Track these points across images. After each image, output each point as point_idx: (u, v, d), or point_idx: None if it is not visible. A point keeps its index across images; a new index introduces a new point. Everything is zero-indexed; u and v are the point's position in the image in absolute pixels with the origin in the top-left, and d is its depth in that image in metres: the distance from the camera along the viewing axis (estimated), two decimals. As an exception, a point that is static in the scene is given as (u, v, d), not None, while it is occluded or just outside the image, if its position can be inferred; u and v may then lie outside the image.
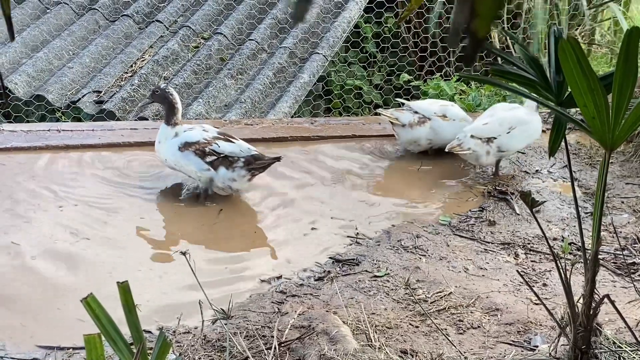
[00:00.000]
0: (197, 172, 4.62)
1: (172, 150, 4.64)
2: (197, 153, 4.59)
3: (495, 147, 4.87)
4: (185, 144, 4.61)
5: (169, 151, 4.65)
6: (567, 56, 1.97)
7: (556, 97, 2.35)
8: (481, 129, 4.87)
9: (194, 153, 4.59)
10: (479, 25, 1.32)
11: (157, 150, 4.75)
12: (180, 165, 4.66)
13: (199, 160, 4.59)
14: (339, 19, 7.72)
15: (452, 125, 5.15)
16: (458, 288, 3.87)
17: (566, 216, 4.63)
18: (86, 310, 2.14)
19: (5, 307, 3.64)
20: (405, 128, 5.13)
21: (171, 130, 4.68)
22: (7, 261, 3.99)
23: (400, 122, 5.14)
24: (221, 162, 4.60)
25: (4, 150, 4.99)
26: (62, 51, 7.26)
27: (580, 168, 5.16)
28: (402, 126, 5.14)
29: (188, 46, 7.46)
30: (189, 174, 4.70)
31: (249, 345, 3.32)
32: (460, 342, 3.45)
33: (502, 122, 4.86)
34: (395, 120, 5.14)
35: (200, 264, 3.87)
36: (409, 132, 5.13)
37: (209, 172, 4.60)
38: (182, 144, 4.62)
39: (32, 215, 4.40)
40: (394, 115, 5.17)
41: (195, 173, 4.63)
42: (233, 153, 4.63)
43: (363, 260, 4.10)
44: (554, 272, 4.03)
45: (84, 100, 6.70)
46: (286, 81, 7.13)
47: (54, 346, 3.36)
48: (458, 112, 5.23)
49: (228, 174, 4.62)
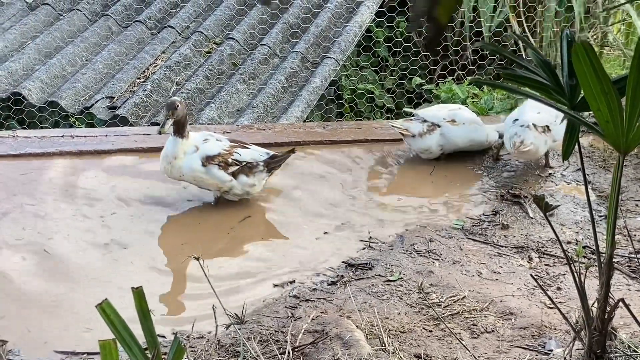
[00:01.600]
0: (218, 184, 4.54)
1: (195, 165, 4.48)
2: (220, 166, 4.50)
3: (550, 138, 4.84)
4: (207, 158, 4.49)
5: (191, 167, 4.48)
6: (580, 60, 1.96)
7: (569, 101, 2.34)
8: (540, 118, 4.81)
9: (218, 166, 4.49)
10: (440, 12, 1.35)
11: (170, 165, 4.52)
12: (199, 180, 4.54)
13: (222, 174, 4.49)
14: (351, 23, 7.72)
15: (462, 130, 5.13)
16: (472, 292, 3.86)
17: (580, 219, 4.61)
18: (101, 315, 2.15)
19: (19, 312, 3.66)
20: (416, 138, 5.11)
21: (187, 144, 4.51)
22: (20, 266, 4.01)
23: (410, 132, 5.13)
24: (241, 170, 4.55)
25: (18, 156, 5.02)
26: (75, 57, 7.30)
27: (594, 171, 5.14)
28: (413, 136, 5.12)
29: (200, 51, 7.48)
30: (207, 187, 4.60)
31: (263, 350, 3.32)
32: (474, 347, 3.44)
33: (550, 111, 4.77)
34: (406, 131, 5.13)
35: (214, 269, 3.87)
36: (420, 141, 5.12)
37: (231, 182, 4.55)
38: (204, 159, 4.49)
39: (46, 221, 4.42)
40: (404, 126, 5.15)
41: (216, 185, 4.55)
42: (253, 159, 4.59)
43: (376, 265, 4.09)
44: (568, 276, 4.02)
45: (97, 106, 6.73)
46: (298, 86, 7.14)
47: (68, 351, 3.38)
48: (468, 116, 5.20)
49: (249, 181, 4.58)
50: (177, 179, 4.61)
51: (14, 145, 5.12)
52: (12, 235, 4.28)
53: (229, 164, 4.52)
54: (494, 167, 5.18)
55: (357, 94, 7.82)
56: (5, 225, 4.36)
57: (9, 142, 5.15)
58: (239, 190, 4.59)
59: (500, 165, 5.19)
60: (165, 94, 6.94)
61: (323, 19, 7.76)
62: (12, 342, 3.40)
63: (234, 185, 4.55)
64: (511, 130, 4.86)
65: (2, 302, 3.74)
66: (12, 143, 5.14)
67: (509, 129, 4.90)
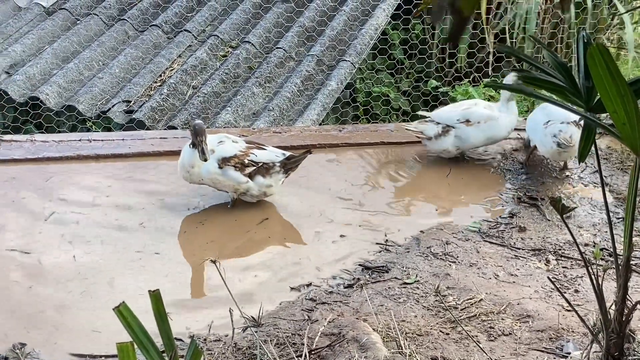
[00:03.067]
0: (234, 185, 4.55)
1: (211, 168, 4.50)
2: (236, 167, 4.51)
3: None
4: (223, 160, 4.51)
5: (208, 170, 4.50)
6: (595, 62, 1.96)
7: (586, 103, 2.34)
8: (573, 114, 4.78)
9: (234, 168, 4.50)
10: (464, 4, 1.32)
11: (190, 174, 4.54)
12: (217, 182, 4.55)
13: (238, 175, 4.51)
14: (366, 26, 7.73)
15: (477, 129, 5.09)
16: (489, 295, 3.85)
17: (597, 222, 4.59)
18: (118, 318, 2.16)
19: (36, 315, 3.69)
20: (432, 140, 5.11)
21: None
22: (34, 267, 4.04)
23: (425, 135, 5.11)
24: (258, 171, 4.57)
25: (36, 160, 5.05)
26: (92, 62, 7.35)
27: (611, 173, 5.11)
28: (429, 139, 5.12)
29: (216, 55, 7.51)
30: (224, 189, 4.62)
31: (280, 353, 3.33)
32: (492, 349, 3.43)
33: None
34: (421, 134, 5.13)
35: (231, 272, 3.89)
36: (436, 143, 5.11)
37: (248, 183, 4.57)
38: (220, 160, 4.51)
39: (62, 224, 4.44)
40: (419, 128, 5.14)
41: (233, 187, 4.56)
42: (270, 160, 4.60)
43: (392, 267, 4.09)
44: (586, 278, 4.00)
45: (114, 110, 6.77)
46: (314, 89, 7.15)
47: (86, 354, 3.40)
48: (482, 113, 5.10)
49: (265, 181, 4.59)
50: (197, 183, 4.64)
51: (31, 149, 5.16)
52: (30, 238, 4.30)
53: (245, 165, 4.53)
54: (511, 170, 5.16)
55: (372, 97, 7.82)
56: (22, 228, 4.40)
57: (27, 146, 5.19)
58: (256, 192, 4.60)
59: (517, 168, 5.18)
60: (182, 98, 6.97)
61: (339, 22, 7.77)
62: (30, 346, 3.43)
63: (250, 186, 4.57)
64: (551, 129, 4.82)
65: (18, 305, 3.77)
66: (30, 147, 5.18)
67: (545, 130, 4.85)
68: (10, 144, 5.21)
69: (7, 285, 3.92)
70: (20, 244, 4.26)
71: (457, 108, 5.21)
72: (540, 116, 5.01)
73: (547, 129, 4.84)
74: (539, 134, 4.91)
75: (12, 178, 4.88)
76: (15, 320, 3.65)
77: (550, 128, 4.82)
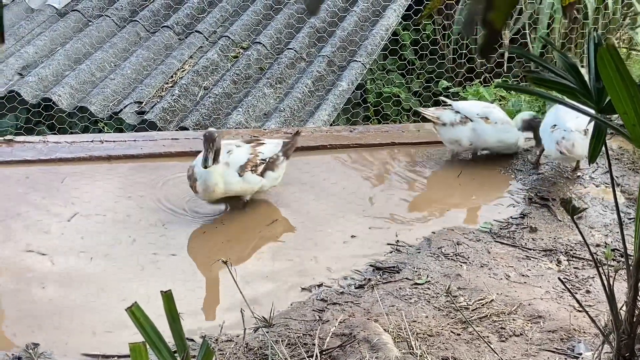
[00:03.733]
0: (253, 187, 4.60)
1: (233, 179, 4.51)
2: (253, 170, 4.57)
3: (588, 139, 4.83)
4: (241, 168, 4.54)
5: (229, 182, 4.50)
6: (605, 64, 1.96)
7: (596, 104, 2.34)
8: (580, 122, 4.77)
9: (251, 171, 4.56)
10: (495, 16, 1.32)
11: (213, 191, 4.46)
12: (239, 189, 4.56)
13: (255, 176, 4.57)
14: (377, 26, 7.73)
15: (494, 129, 5.12)
16: (500, 295, 3.85)
17: (609, 222, 4.58)
18: (131, 319, 2.18)
19: (49, 315, 3.71)
20: (447, 127, 5.10)
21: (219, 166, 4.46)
22: (48, 268, 4.06)
23: (441, 120, 5.11)
24: (267, 166, 4.64)
25: (49, 161, 5.08)
26: (104, 63, 7.38)
27: (622, 173, 5.10)
28: (443, 125, 5.11)
29: (227, 56, 7.52)
30: (241, 194, 4.63)
31: (291, 353, 3.34)
32: (503, 350, 3.43)
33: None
34: (437, 119, 5.11)
35: (242, 272, 3.90)
36: (451, 130, 5.09)
37: (261, 181, 4.62)
38: (239, 169, 4.53)
39: (74, 224, 4.47)
40: (435, 114, 5.13)
41: (251, 189, 4.61)
42: (273, 152, 4.69)
43: (403, 268, 4.09)
44: (597, 279, 3.99)
45: (126, 111, 6.79)
46: (325, 89, 7.16)
47: (98, 354, 3.42)
48: (500, 115, 5.18)
49: (274, 174, 4.67)
50: (216, 201, 4.59)
51: (44, 150, 5.19)
52: (43, 239, 4.33)
53: (258, 165, 4.61)
54: (522, 170, 5.16)
55: (383, 98, 7.82)
56: (37, 229, 4.42)
57: (40, 147, 5.22)
58: (268, 186, 4.70)
59: (528, 168, 5.17)
60: (193, 99, 6.99)
61: (349, 23, 7.77)
62: (43, 346, 3.45)
63: (264, 183, 4.64)
64: (555, 135, 4.82)
65: (30, 305, 3.79)
66: (42, 148, 5.21)
67: (551, 134, 4.85)
68: (23, 145, 5.24)
69: (21, 285, 3.95)
70: (37, 244, 4.28)
71: (478, 104, 5.31)
72: (549, 118, 5.01)
73: (552, 134, 4.84)
74: (545, 137, 4.92)
75: (25, 178, 4.91)
76: (28, 320, 3.67)
77: (555, 134, 4.82)
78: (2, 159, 5.08)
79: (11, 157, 5.10)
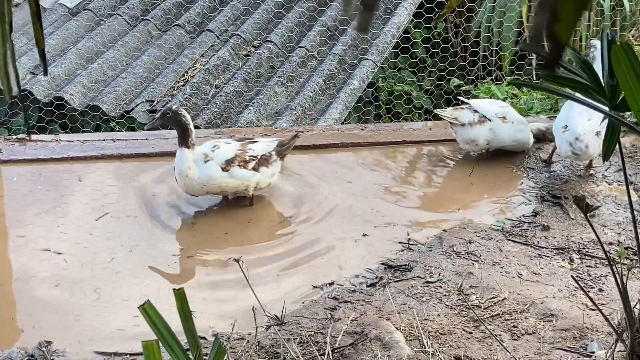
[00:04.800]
0: (245, 183, 4.58)
1: (215, 173, 4.50)
2: (241, 165, 4.56)
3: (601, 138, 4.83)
4: (227, 162, 4.54)
5: (211, 176, 4.50)
6: (620, 61, 1.95)
7: (610, 101, 2.32)
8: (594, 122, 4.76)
9: (239, 166, 4.56)
10: (561, 29, 1.29)
11: (188, 178, 4.49)
12: (225, 186, 4.55)
13: (245, 172, 4.56)
14: (388, 24, 7.72)
15: (511, 128, 5.10)
16: (512, 294, 3.84)
17: (622, 220, 4.55)
18: (143, 317, 2.18)
19: (63, 314, 3.72)
20: (465, 127, 5.07)
21: (196, 153, 4.52)
22: (60, 267, 4.08)
23: (459, 121, 5.08)
24: (260, 163, 4.63)
25: (61, 160, 5.09)
26: (115, 62, 7.40)
27: (636, 171, 5.07)
28: (462, 125, 5.08)
29: (239, 54, 7.53)
30: (234, 191, 4.63)
31: (303, 352, 3.34)
32: (515, 348, 3.42)
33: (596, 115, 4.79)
34: (454, 120, 5.09)
35: (254, 271, 3.90)
36: (468, 130, 5.07)
37: (255, 176, 4.60)
38: (224, 164, 4.54)
39: (86, 222, 4.49)
40: (453, 115, 5.11)
41: (244, 186, 4.59)
42: (265, 150, 4.68)
43: (415, 266, 4.09)
44: (610, 277, 3.97)
45: (138, 109, 6.81)
46: (336, 88, 7.15)
47: (111, 352, 3.43)
48: (516, 115, 5.20)
49: (269, 171, 4.67)
50: (200, 193, 4.60)
51: (56, 149, 5.21)
52: (53, 237, 4.35)
53: (247, 161, 4.59)
54: (534, 168, 5.14)
55: (394, 96, 7.81)
56: (47, 227, 4.44)
57: (52, 146, 5.23)
58: (264, 184, 4.67)
59: (541, 166, 5.15)
60: (204, 98, 7.00)
61: (361, 21, 7.75)
62: (56, 344, 3.47)
63: (259, 179, 4.62)
64: (568, 136, 4.78)
65: (42, 304, 3.81)
66: (55, 147, 5.23)
67: (563, 135, 4.82)
68: (36, 144, 5.26)
69: (36, 283, 3.96)
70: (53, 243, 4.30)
71: (496, 103, 5.31)
72: (562, 116, 4.97)
73: (564, 134, 4.80)
74: (557, 136, 4.89)
75: (39, 175, 4.93)
76: (41, 318, 3.69)
77: (567, 134, 4.79)
78: (15, 157, 5.10)
79: (24, 156, 5.12)
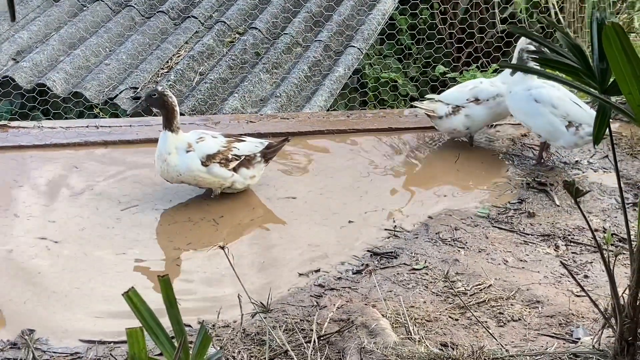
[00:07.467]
0: (220, 181, 4.49)
1: (194, 166, 4.41)
2: (222, 164, 4.46)
3: None
4: (208, 157, 4.44)
5: (189, 167, 4.41)
6: (611, 42, 1.93)
7: (600, 85, 2.31)
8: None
9: (219, 164, 4.45)
10: None
11: (166, 163, 4.42)
12: (200, 180, 4.48)
13: (224, 171, 4.46)
14: (374, 11, 7.69)
15: (486, 108, 5.07)
16: (498, 280, 3.83)
17: (606, 207, 4.56)
18: (128, 304, 2.15)
19: (46, 301, 3.69)
20: (443, 119, 5.09)
21: (178, 138, 4.45)
22: (46, 255, 4.04)
23: (437, 114, 5.09)
24: (241, 163, 4.53)
25: (44, 147, 5.04)
26: (99, 48, 7.34)
27: (621, 158, 5.08)
28: (440, 118, 5.09)
29: (223, 41, 7.48)
30: (207, 186, 4.56)
31: (289, 339, 3.32)
32: (501, 335, 3.42)
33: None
34: (432, 113, 5.10)
35: (238, 258, 3.87)
36: (446, 121, 5.08)
37: (233, 177, 4.51)
38: (205, 158, 4.43)
39: (69, 209, 4.45)
40: (430, 107, 5.11)
41: (219, 183, 4.50)
42: (251, 151, 4.57)
43: (401, 253, 4.08)
44: (595, 264, 3.98)
45: (121, 96, 6.76)
46: (321, 75, 7.12)
47: (95, 340, 3.39)
48: (489, 90, 5.09)
49: (249, 172, 4.56)
50: (174, 181, 4.52)
51: (39, 136, 5.15)
52: (36, 224, 4.30)
53: (230, 160, 4.49)
54: (520, 155, 5.13)
55: (380, 83, 7.79)
56: (30, 214, 4.40)
57: (35, 133, 5.18)
58: (240, 185, 4.57)
59: (526, 153, 5.15)
60: (189, 84, 6.95)
61: (346, 8, 7.73)
62: (39, 332, 3.43)
63: (236, 179, 4.53)
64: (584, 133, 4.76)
65: (24, 291, 3.77)
66: (37, 134, 5.17)
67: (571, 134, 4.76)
68: (18, 130, 5.21)
69: (17, 271, 3.92)
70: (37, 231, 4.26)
71: (465, 88, 5.20)
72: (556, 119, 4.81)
73: (579, 132, 4.74)
74: (561, 136, 4.78)
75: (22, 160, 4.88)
76: (24, 306, 3.65)
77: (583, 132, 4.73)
78: (-3, 144, 5.04)
79: (6, 143, 5.06)
